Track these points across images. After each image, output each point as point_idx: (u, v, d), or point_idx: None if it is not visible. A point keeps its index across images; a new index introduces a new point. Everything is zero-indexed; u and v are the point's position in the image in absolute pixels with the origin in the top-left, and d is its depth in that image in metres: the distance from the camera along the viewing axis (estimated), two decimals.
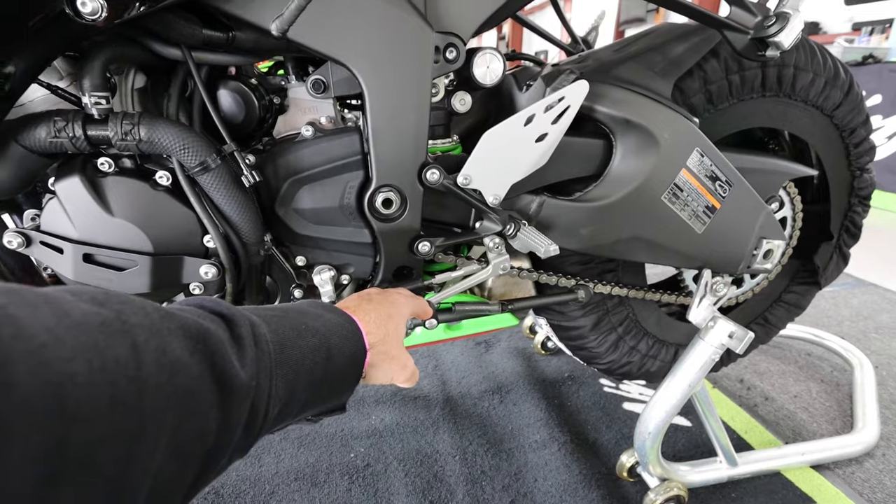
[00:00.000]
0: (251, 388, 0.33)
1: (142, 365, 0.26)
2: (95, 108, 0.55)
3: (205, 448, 0.30)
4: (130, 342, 0.26)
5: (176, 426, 0.27)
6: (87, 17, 0.47)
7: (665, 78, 0.76)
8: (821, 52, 0.86)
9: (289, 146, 0.66)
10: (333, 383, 0.44)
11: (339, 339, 0.44)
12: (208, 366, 0.30)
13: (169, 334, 0.29)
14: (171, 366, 0.28)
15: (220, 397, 0.30)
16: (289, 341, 0.39)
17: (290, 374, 0.38)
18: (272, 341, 0.37)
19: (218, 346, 0.32)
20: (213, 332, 0.32)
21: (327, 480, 1.00)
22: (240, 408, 0.32)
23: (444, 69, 0.64)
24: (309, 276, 0.73)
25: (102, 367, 0.24)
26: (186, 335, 0.30)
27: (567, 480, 0.99)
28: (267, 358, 0.36)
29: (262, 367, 0.35)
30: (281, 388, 0.37)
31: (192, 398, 0.29)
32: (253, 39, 0.59)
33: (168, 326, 0.29)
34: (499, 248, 0.72)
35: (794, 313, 1.12)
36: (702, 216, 0.80)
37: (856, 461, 1.06)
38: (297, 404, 0.40)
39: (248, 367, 0.33)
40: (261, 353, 0.35)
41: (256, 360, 0.35)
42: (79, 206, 0.59)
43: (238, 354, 0.33)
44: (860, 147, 0.96)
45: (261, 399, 0.34)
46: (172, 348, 0.28)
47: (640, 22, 7.26)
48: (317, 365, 0.41)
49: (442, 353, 1.45)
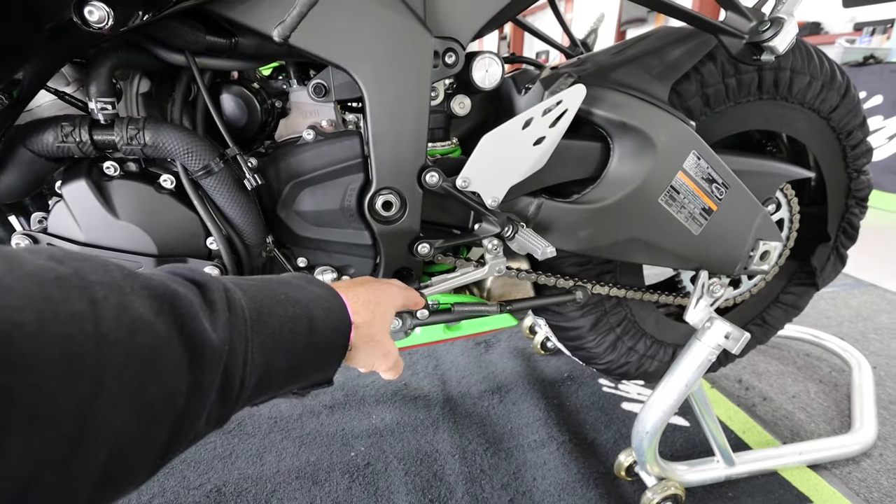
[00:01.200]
0: (223, 351, 0.32)
1: (100, 321, 0.25)
2: (101, 114, 0.56)
3: (175, 411, 0.29)
4: (88, 297, 0.25)
5: (139, 385, 0.27)
6: (94, 26, 0.48)
7: (662, 81, 0.77)
8: (817, 55, 0.87)
9: (290, 149, 0.67)
10: (317, 355, 0.43)
11: (323, 311, 0.44)
12: (176, 326, 0.30)
13: (131, 293, 0.28)
14: (132, 323, 0.27)
15: (190, 359, 0.30)
16: (266, 309, 0.38)
17: (267, 341, 0.37)
18: (248, 308, 0.37)
19: (187, 308, 0.31)
20: (181, 294, 0.32)
21: (328, 479, 1.01)
22: (212, 371, 0.31)
23: (444, 73, 0.65)
24: None
25: (55, 319, 0.23)
26: (152, 295, 0.29)
27: (565, 479, 1.00)
28: (241, 323, 0.35)
29: (237, 332, 0.34)
30: (258, 355, 0.36)
31: (157, 358, 0.28)
32: (255, 45, 0.60)
33: (131, 285, 0.29)
34: (497, 249, 0.73)
35: (792, 314, 1.12)
36: (698, 218, 0.81)
37: (853, 461, 1.06)
38: (279, 375, 0.39)
39: (220, 330, 0.33)
40: (235, 318, 0.35)
41: (230, 324, 0.34)
42: (85, 209, 0.60)
43: (210, 318, 0.33)
44: (857, 149, 0.97)
45: (235, 364, 0.34)
46: (135, 307, 0.28)
47: (641, 22, 7.26)
48: (297, 335, 0.40)
49: (442, 354, 1.46)
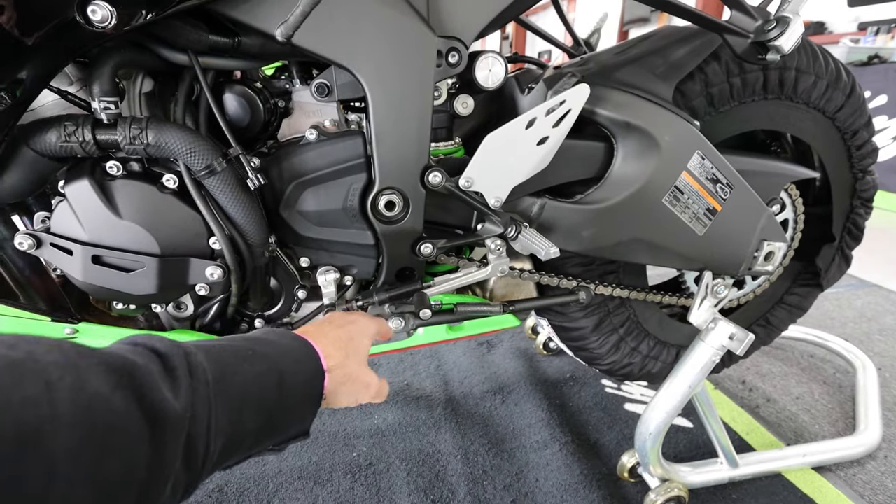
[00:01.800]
0: (185, 419, 0.32)
1: (55, 402, 0.26)
2: (104, 113, 0.56)
3: (136, 484, 0.29)
4: (43, 381, 0.26)
5: (96, 463, 0.27)
6: (97, 25, 0.48)
7: (666, 81, 0.76)
8: (822, 55, 0.86)
9: (293, 149, 0.67)
10: (290, 409, 0.42)
11: (293, 363, 0.43)
12: (135, 399, 0.30)
13: (87, 370, 0.28)
14: (88, 401, 0.27)
15: (150, 430, 0.30)
16: (231, 369, 0.38)
17: (233, 402, 0.37)
18: (211, 370, 0.36)
19: (146, 379, 0.31)
20: (140, 365, 0.32)
21: (330, 479, 1.01)
22: (174, 440, 0.31)
23: (447, 73, 0.64)
24: (313, 277, 0.74)
25: (7, 407, 0.24)
26: (108, 370, 0.30)
27: (568, 480, 1.00)
28: (203, 388, 0.35)
29: (199, 397, 0.34)
30: (222, 418, 0.35)
31: (114, 433, 0.28)
32: (258, 45, 0.60)
33: (87, 362, 0.29)
34: (500, 249, 0.73)
35: (796, 315, 1.12)
36: (703, 218, 0.80)
37: (857, 463, 1.05)
38: (249, 434, 0.38)
39: (181, 398, 0.33)
40: (196, 382, 0.35)
41: (191, 390, 0.34)
42: (88, 209, 0.60)
43: (171, 386, 0.33)
44: (862, 149, 0.96)
45: (199, 431, 0.33)
46: (91, 384, 0.28)
47: (644, 22, 7.24)
48: (266, 391, 0.39)
49: (444, 354, 1.45)
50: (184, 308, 0.73)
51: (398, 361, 1.42)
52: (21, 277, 0.67)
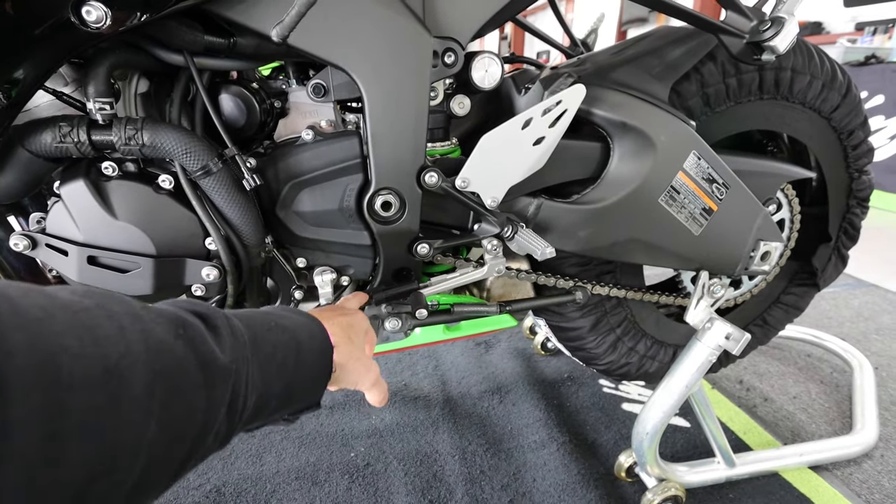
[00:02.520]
0: (231, 371, 0.35)
1: (130, 343, 0.28)
2: (100, 114, 0.56)
3: (194, 427, 0.31)
4: (117, 324, 0.28)
5: (166, 402, 0.29)
6: (92, 26, 0.48)
7: (662, 81, 0.76)
8: (818, 55, 0.87)
9: (289, 150, 0.67)
10: (306, 378, 0.45)
11: (307, 336, 0.46)
12: (191, 349, 0.32)
13: (151, 320, 0.31)
14: (157, 346, 0.30)
15: (204, 378, 0.32)
16: (260, 335, 0.41)
17: (264, 364, 0.39)
18: (246, 333, 0.39)
19: (198, 332, 0.34)
20: (191, 321, 0.34)
21: (328, 479, 1.01)
22: (223, 389, 0.34)
23: (443, 73, 0.65)
24: (309, 277, 0.74)
25: (94, 342, 0.26)
26: (168, 321, 0.32)
27: (565, 480, 1.00)
28: (242, 346, 0.37)
29: (239, 354, 0.37)
30: (256, 376, 0.38)
31: (179, 376, 0.30)
32: (254, 45, 0.60)
33: (149, 314, 0.31)
34: (497, 250, 0.73)
35: (793, 315, 1.12)
36: (699, 218, 0.80)
37: (854, 462, 1.06)
38: (274, 397, 0.41)
39: (226, 352, 0.35)
40: (236, 341, 0.37)
41: (233, 346, 0.36)
42: (83, 210, 0.60)
43: (216, 341, 0.35)
44: (858, 149, 0.96)
45: (239, 384, 0.36)
46: (156, 331, 0.30)
47: (642, 22, 7.24)
48: (288, 358, 0.42)
49: (442, 354, 1.45)
50: None
51: (396, 361, 1.42)
52: (16, 278, 0.67)
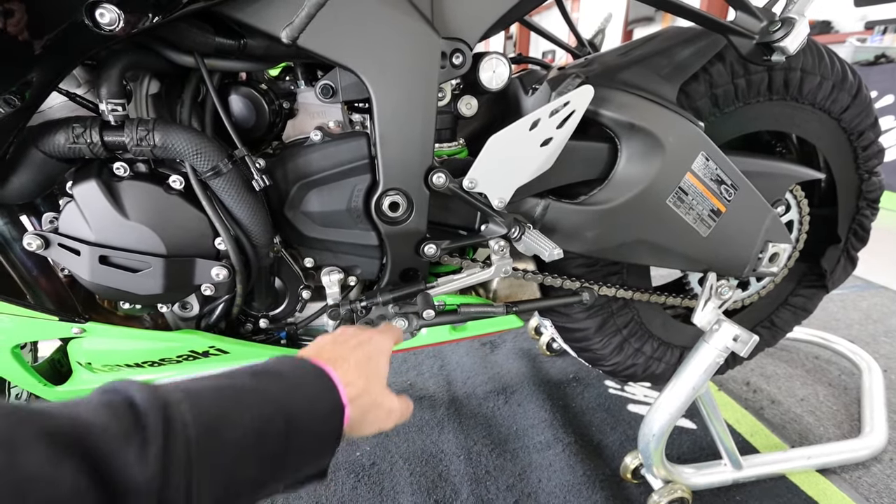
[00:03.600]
0: (152, 487, 0.29)
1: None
2: (112, 115, 0.57)
3: None
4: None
5: None
6: (105, 28, 0.49)
7: (670, 82, 0.76)
8: (828, 55, 0.86)
9: (298, 150, 0.67)
10: (302, 452, 0.38)
11: (308, 403, 0.40)
12: (85, 472, 0.27)
13: (24, 445, 0.25)
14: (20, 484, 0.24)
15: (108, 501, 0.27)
16: (223, 418, 0.34)
17: (224, 459, 0.33)
18: (196, 423, 0.32)
19: (100, 445, 0.28)
20: (95, 429, 0.28)
21: (333, 478, 1.02)
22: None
23: (451, 74, 0.65)
24: (317, 277, 0.74)
25: None
26: (53, 442, 0.26)
27: (571, 481, 1.00)
28: (182, 447, 0.31)
29: (174, 458, 0.30)
30: (209, 476, 0.32)
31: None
32: (264, 46, 0.61)
33: (23, 436, 0.26)
34: (503, 250, 0.73)
35: (801, 317, 1.11)
36: (707, 220, 0.80)
37: (863, 466, 1.05)
38: (248, 484, 0.35)
39: (150, 462, 0.29)
40: (173, 442, 0.31)
41: (164, 452, 0.30)
42: (95, 210, 0.60)
43: (137, 449, 0.29)
44: (868, 150, 0.95)
45: (174, 496, 0.30)
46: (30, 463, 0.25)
47: (649, 21, 7.21)
48: (268, 437, 0.36)
49: (448, 354, 1.46)
50: (189, 308, 0.73)
51: (402, 361, 1.42)
52: (29, 277, 0.68)
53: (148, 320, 0.76)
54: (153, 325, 0.76)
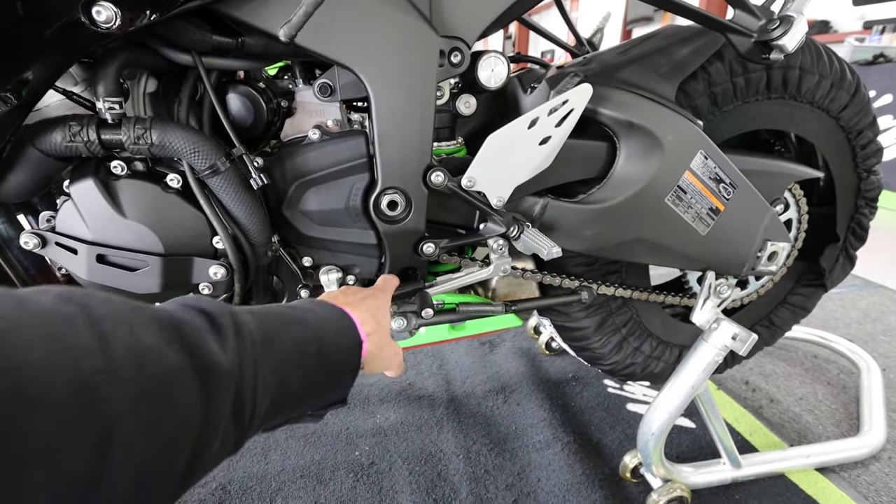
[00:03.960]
0: (233, 376, 0.33)
1: (110, 354, 0.26)
2: (109, 113, 0.56)
3: (190, 437, 0.29)
4: (97, 332, 0.26)
5: (154, 415, 0.27)
6: (102, 26, 0.49)
7: (669, 81, 0.76)
8: (827, 54, 0.86)
9: (296, 149, 0.67)
10: (330, 375, 0.43)
11: (333, 332, 0.45)
12: (186, 355, 0.30)
13: (139, 325, 0.29)
14: (142, 353, 0.28)
15: (201, 385, 0.30)
16: (275, 332, 0.39)
17: (277, 364, 0.37)
18: (256, 331, 0.37)
19: (195, 336, 0.32)
20: (188, 322, 0.32)
21: (332, 478, 1.02)
22: (224, 395, 0.32)
23: (449, 73, 0.65)
24: (315, 276, 0.74)
25: (64, 354, 0.24)
26: (160, 326, 0.30)
27: (570, 480, 1.00)
28: (250, 346, 0.35)
29: (246, 355, 0.35)
30: (268, 379, 0.36)
31: (169, 387, 0.28)
32: (261, 45, 0.60)
33: (138, 318, 0.29)
34: (502, 249, 0.73)
35: (800, 315, 1.11)
36: (705, 218, 0.80)
37: (861, 464, 1.05)
38: (291, 396, 0.39)
39: (229, 354, 0.33)
40: (243, 341, 0.35)
41: (238, 348, 0.34)
42: (92, 208, 0.60)
43: (218, 343, 0.33)
44: (867, 149, 0.95)
45: (245, 388, 0.34)
46: (144, 338, 0.28)
47: (647, 21, 7.21)
48: (307, 357, 0.40)
49: (446, 353, 1.45)
50: None
51: None
52: (26, 276, 0.67)
53: None
54: None
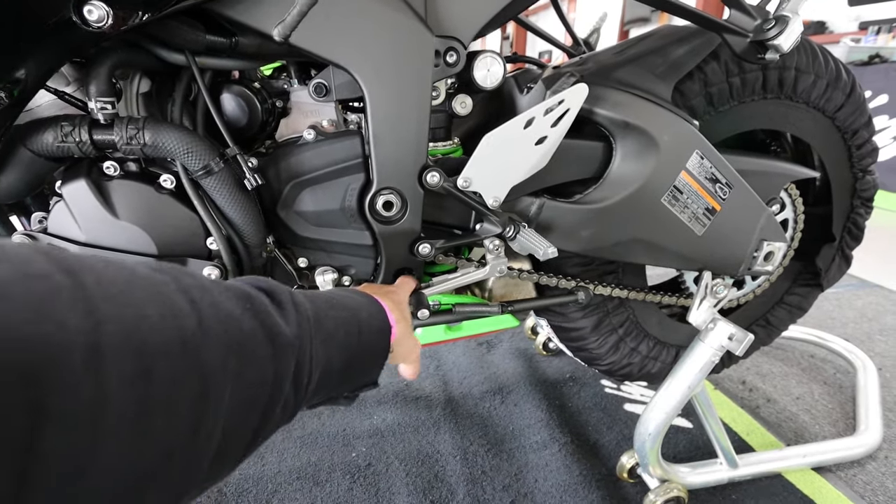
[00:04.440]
0: (295, 344, 0.36)
1: (201, 316, 0.29)
2: (101, 113, 0.56)
3: (263, 398, 0.32)
4: (189, 298, 0.29)
5: (237, 373, 0.30)
6: (94, 25, 0.48)
7: (665, 81, 0.76)
8: (822, 54, 0.86)
9: (291, 149, 0.66)
10: (365, 356, 0.46)
11: (367, 315, 0.48)
12: (258, 322, 0.33)
13: (219, 294, 0.32)
14: (226, 318, 0.31)
15: (272, 350, 0.33)
16: (322, 311, 0.42)
17: (326, 340, 0.40)
18: (310, 309, 0.40)
19: (263, 307, 0.35)
20: (256, 296, 0.35)
21: (329, 479, 1.01)
22: (288, 362, 0.35)
23: (445, 73, 0.64)
24: (311, 277, 0.74)
25: (172, 314, 0.27)
26: (235, 296, 0.33)
27: (567, 481, 1.00)
28: (306, 322, 0.38)
29: (303, 328, 0.37)
30: (320, 351, 0.39)
31: (248, 348, 0.31)
32: (255, 44, 0.60)
33: (217, 288, 0.32)
34: (498, 250, 0.73)
35: (796, 315, 1.11)
36: (702, 218, 0.80)
37: (858, 464, 1.05)
38: (335, 373, 0.42)
39: (291, 325, 0.36)
40: (301, 316, 0.38)
41: (297, 321, 0.37)
42: (85, 209, 0.60)
43: (281, 315, 0.36)
44: (862, 149, 0.96)
45: (304, 358, 0.37)
46: (225, 305, 0.31)
47: (644, 21, 7.23)
48: (349, 335, 0.43)
49: (444, 354, 1.45)
50: None
51: None
52: None
53: None
54: None
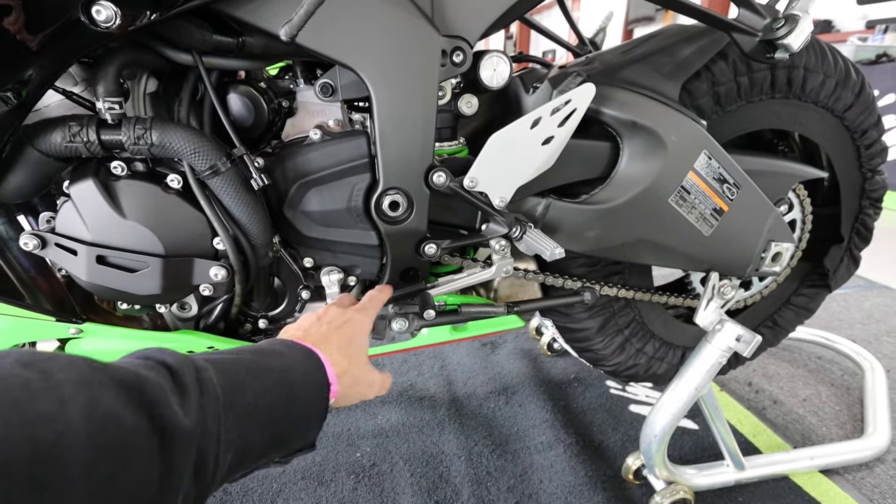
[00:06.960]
0: (195, 434, 0.33)
1: (70, 419, 0.26)
2: (109, 113, 0.56)
3: (148, 498, 0.30)
4: (57, 398, 0.27)
5: (109, 478, 0.27)
6: (102, 25, 0.48)
7: (672, 80, 0.75)
8: (831, 53, 0.85)
9: (297, 149, 0.66)
10: (297, 423, 0.43)
11: (302, 374, 0.44)
12: (145, 416, 0.30)
13: (100, 387, 0.29)
14: (102, 417, 0.28)
15: (160, 446, 0.30)
16: (240, 383, 0.39)
17: (242, 416, 0.37)
18: (220, 384, 0.37)
19: (156, 394, 0.32)
20: (151, 381, 0.32)
21: (334, 479, 1.01)
22: (185, 455, 0.32)
23: (451, 72, 0.64)
24: (317, 277, 0.74)
25: (22, 424, 0.25)
26: (120, 386, 0.30)
27: (572, 482, 0.99)
28: (214, 402, 0.36)
29: (209, 411, 0.35)
30: (232, 431, 0.36)
31: (126, 450, 0.29)
32: (262, 44, 0.60)
33: (99, 379, 0.30)
34: (504, 250, 0.72)
35: (804, 316, 1.11)
36: (709, 219, 0.79)
37: (866, 466, 1.04)
38: (257, 447, 0.39)
39: (191, 413, 0.33)
40: (206, 398, 0.35)
41: (201, 405, 0.34)
42: (92, 209, 0.60)
43: (181, 401, 0.33)
44: (872, 149, 0.95)
45: (209, 445, 0.34)
46: (103, 401, 0.29)
47: (649, 21, 7.20)
48: (273, 405, 0.40)
49: (448, 354, 1.45)
50: (188, 308, 0.73)
51: (402, 362, 1.41)
52: (26, 277, 0.67)
53: (146, 321, 0.76)
54: (152, 326, 0.76)
